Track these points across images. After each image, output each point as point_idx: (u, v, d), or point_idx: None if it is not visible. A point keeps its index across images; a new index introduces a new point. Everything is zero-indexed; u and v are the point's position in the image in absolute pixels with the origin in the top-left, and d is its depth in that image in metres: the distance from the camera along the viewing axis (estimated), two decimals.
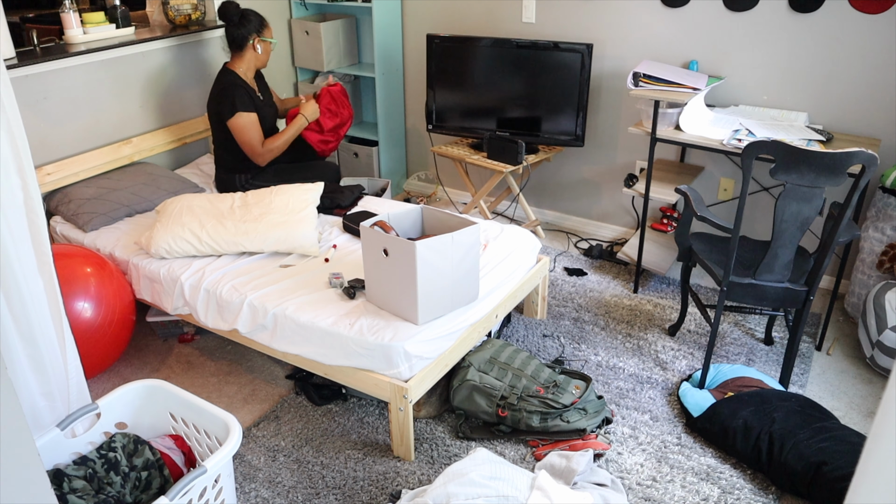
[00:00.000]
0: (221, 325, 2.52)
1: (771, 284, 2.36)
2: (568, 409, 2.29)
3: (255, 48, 3.09)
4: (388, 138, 4.14)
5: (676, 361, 2.75)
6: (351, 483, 2.19)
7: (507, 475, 1.86)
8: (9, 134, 1.63)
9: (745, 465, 2.23)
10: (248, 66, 3.12)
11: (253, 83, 3.17)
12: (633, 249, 3.39)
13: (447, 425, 2.43)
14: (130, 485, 1.88)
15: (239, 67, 3.11)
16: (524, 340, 2.89)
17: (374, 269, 2.29)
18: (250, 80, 3.15)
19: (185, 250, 2.66)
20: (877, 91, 2.89)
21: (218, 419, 1.93)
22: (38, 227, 1.76)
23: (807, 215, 2.20)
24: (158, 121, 3.49)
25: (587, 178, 3.80)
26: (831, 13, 2.87)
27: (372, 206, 3.15)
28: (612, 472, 2.22)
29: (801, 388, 2.60)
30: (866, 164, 2.08)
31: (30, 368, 1.80)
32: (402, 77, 4.14)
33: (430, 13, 3.90)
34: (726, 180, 3.36)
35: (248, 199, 2.84)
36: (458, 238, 2.22)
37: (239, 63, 3.11)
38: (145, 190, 3.11)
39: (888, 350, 2.58)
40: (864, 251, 2.92)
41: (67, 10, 3.02)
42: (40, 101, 2.95)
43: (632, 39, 3.37)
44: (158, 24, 3.60)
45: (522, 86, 3.50)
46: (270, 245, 2.66)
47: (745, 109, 3.12)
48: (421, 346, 2.18)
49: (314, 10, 4.15)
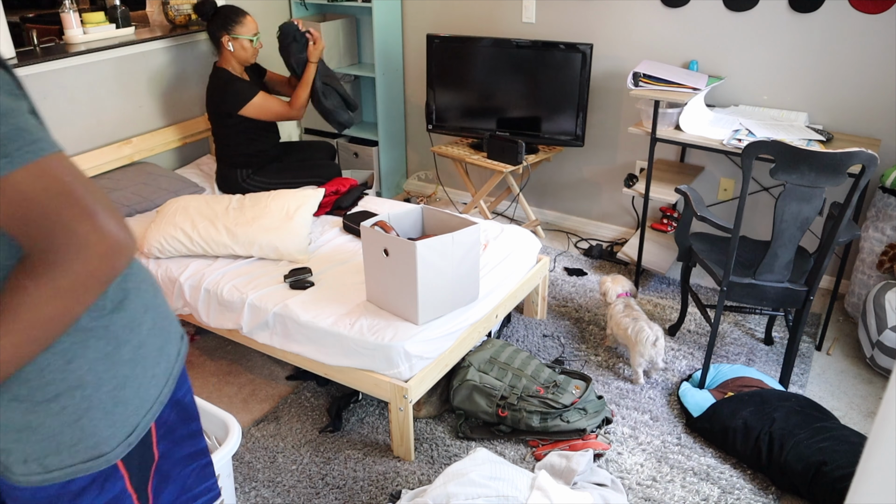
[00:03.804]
0: (224, 323, 2.52)
1: (771, 284, 2.36)
2: (568, 409, 2.29)
3: (226, 46, 3.06)
4: (388, 138, 4.14)
5: (676, 361, 2.75)
6: (351, 483, 2.19)
7: (507, 475, 1.86)
8: None
9: (745, 465, 2.23)
10: (231, 63, 3.12)
11: (245, 75, 3.18)
12: (633, 249, 3.39)
13: (447, 425, 2.43)
14: None
15: (226, 65, 3.12)
16: (524, 340, 2.89)
17: (374, 269, 2.29)
18: (242, 74, 3.16)
19: (178, 250, 2.66)
20: (877, 91, 2.89)
21: (218, 419, 1.93)
22: None
23: (807, 215, 2.20)
24: (159, 121, 3.49)
25: (587, 178, 3.80)
26: (831, 13, 2.88)
27: (372, 206, 3.15)
28: (612, 472, 2.22)
29: (801, 388, 2.60)
30: (866, 164, 2.08)
31: None
32: (402, 77, 4.14)
33: (430, 13, 3.90)
34: (726, 180, 3.36)
35: (245, 201, 2.83)
36: (459, 238, 2.22)
37: (224, 61, 3.13)
38: (145, 190, 3.11)
39: (888, 350, 2.58)
40: (864, 251, 2.92)
41: (67, 10, 3.02)
42: (40, 101, 2.95)
43: (632, 39, 3.37)
44: (158, 24, 3.60)
45: (522, 86, 3.50)
46: (259, 250, 2.65)
47: (745, 109, 3.12)
48: (421, 345, 2.18)
49: (314, 10, 4.15)
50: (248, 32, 3.07)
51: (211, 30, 3.07)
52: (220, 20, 3.04)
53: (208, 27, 3.08)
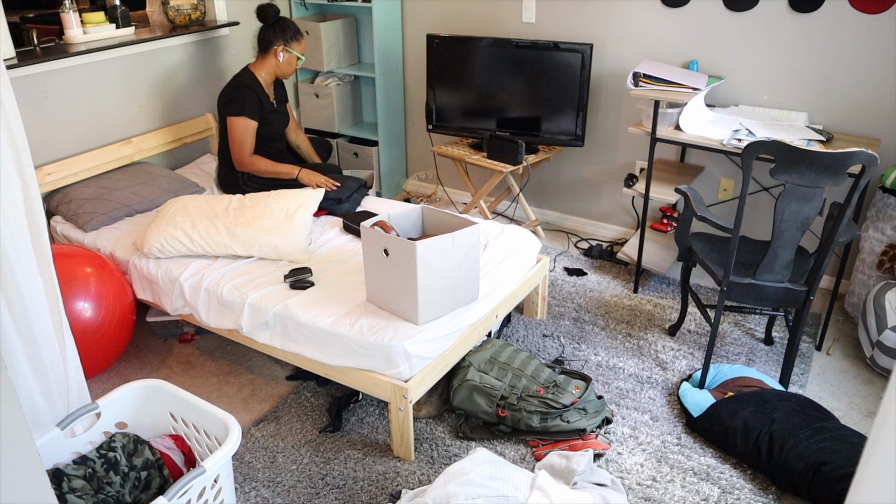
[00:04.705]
0: (224, 323, 2.52)
1: (771, 284, 2.36)
2: (568, 409, 2.29)
3: (277, 55, 3.10)
4: (388, 138, 4.14)
5: (676, 361, 2.75)
6: (351, 483, 2.19)
7: (507, 475, 1.86)
8: (9, 134, 1.63)
9: (745, 465, 2.23)
10: (268, 71, 3.14)
11: (269, 89, 3.18)
12: (633, 249, 3.39)
13: (447, 425, 2.43)
14: (130, 485, 1.88)
15: (259, 71, 3.13)
16: (524, 340, 2.89)
17: (374, 269, 2.29)
18: (267, 85, 3.16)
19: (178, 250, 2.66)
20: (877, 91, 2.89)
21: (217, 419, 1.93)
22: (38, 227, 1.76)
23: (807, 215, 2.20)
24: (159, 121, 3.49)
25: (587, 178, 3.80)
26: (831, 13, 2.87)
27: (372, 206, 3.15)
28: (612, 472, 2.22)
29: (801, 388, 2.60)
30: (866, 164, 2.08)
31: (29, 368, 1.80)
32: (402, 77, 4.14)
33: (430, 13, 3.90)
34: (726, 180, 3.36)
35: (245, 201, 2.83)
36: (459, 238, 2.22)
37: (261, 66, 3.13)
38: (145, 190, 3.12)
39: (888, 350, 2.58)
40: (864, 251, 2.92)
41: (67, 10, 3.02)
42: (40, 101, 2.95)
43: (632, 39, 3.37)
44: (158, 24, 3.60)
45: (522, 86, 3.50)
46: (258, 250, 2.65)
47: (745, 109, 3.12)
48: (421, 345, 2.18)
49: (314, 10, 4.15)
50: (300, 50, 3.16)
51: (268, 35, 3.09)
52: (282, 29, 3.09)
53: (264, 30, 3.10)
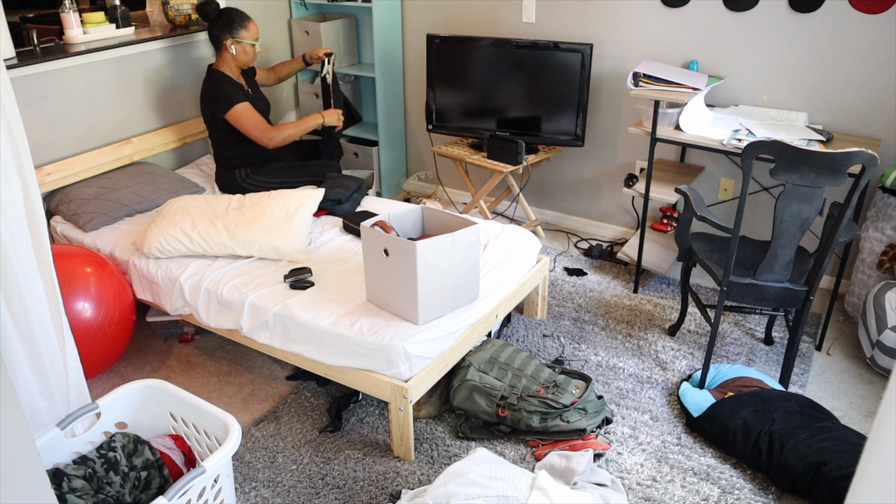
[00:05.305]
0: (224, 323, 2.52)
1: (771, 284, 2.36)
2: (568, 409, 2.29)
3: (229, 49, 3.06)
4: (388, 138, 4.14)
5: (676, 361, 2.75)
6: (351, 483, 2.19)
7: (507, 475, 1.86)
8: (9, 134, 1.63)
9: (745, 465, 2.23)
10: (229, 65, 3.11)
11: (241, 79, 3.17)
12: (633, 249, 3.39)
13: (447, 425, 2.43)
14: (130, 485, 1.88)
15: (222, 67, 3.11)
16: (524, 340, 2.89)
17: (374, 269, 2.29)
18: (237, 77, 3.15)
19: (178, 250, 2.66)
20: (877, 91, 2.89)
21: (217, 419, 1.93)
22: (38, 227, 1.76)
23: (807, 215, 2.20)
24: (159, 120, 3.49)
25: (587, 178, 3.80)
26: (831, 13, 2.87)
27: (372, 206, 3.15)
28: (612, 472, 2.22)
29: (801, 388, 2.60)
30: (866, 164, 2.08)
31: (29, 368, 1.80)
32: (402, 77, 4.14)
33: (430, 13, 3.90)
34: (726, 180, 3.36)
35: (245, 201, 2.83)
36: (459, 238, 2.22)
37: (221, 63, 3.12)
38: (145, 190, 3.11)
39: (888, 350, 2.58)
40: (864, 251, 2.92)
41: (67, 10, 3.02)
42: (40, 101, 2.95)
43: (632, 39, 3.37)
44: (158, 24, 3.60)
45: (522, 86, 3.50)
46: (258, 250, 2.64)
47: (745, 109, 3.12)
48: (421, 345, 2.18)
49: (314, 10, 4.15)
50: (251, 37, 3.09)
51: (213, 31, 3.06)
52: (225, 23, 3.04)
53: (210, 28, 3.07)
